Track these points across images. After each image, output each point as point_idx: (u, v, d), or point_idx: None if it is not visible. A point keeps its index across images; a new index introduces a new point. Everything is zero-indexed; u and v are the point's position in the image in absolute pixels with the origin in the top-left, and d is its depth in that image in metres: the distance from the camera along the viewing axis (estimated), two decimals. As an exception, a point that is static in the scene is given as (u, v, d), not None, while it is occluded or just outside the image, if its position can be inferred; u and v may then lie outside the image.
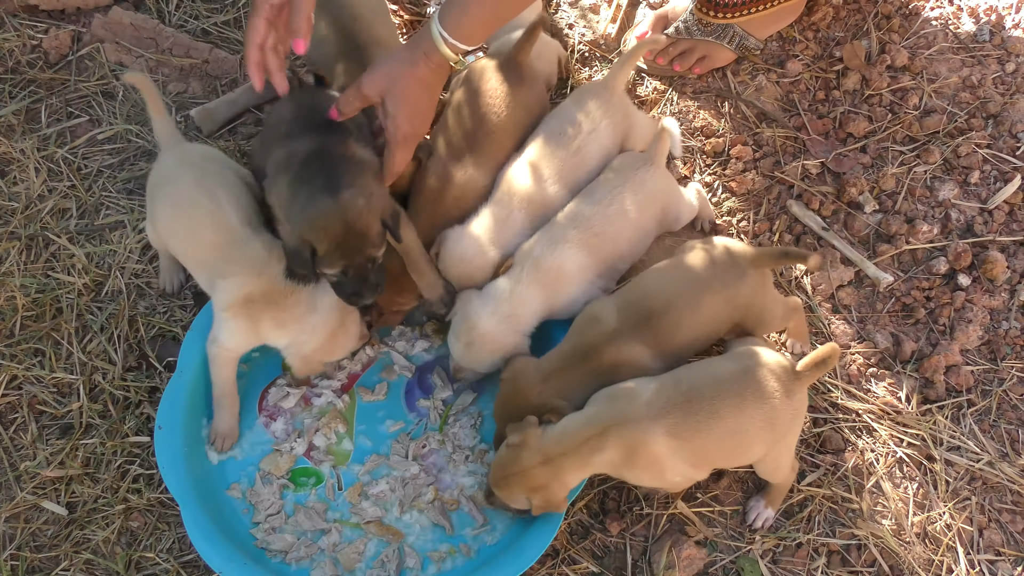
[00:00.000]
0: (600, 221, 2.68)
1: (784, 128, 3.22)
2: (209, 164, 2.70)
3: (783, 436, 2.43)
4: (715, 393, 2.35)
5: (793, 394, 2.38)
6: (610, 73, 2.91)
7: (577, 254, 2.67)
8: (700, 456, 2.39)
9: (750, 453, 2.46)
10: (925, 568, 2.57)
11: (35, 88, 3.29)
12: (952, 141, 3.15)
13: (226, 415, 2.72)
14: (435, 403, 2.84)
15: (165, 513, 2.67)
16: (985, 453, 2.71)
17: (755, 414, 2.35)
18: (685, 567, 2.55)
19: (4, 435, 2.75)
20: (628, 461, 2.36)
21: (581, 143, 2.80)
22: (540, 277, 2.64)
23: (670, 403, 2.34)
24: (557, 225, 2.69)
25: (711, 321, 2.56)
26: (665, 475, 2.40)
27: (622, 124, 2.87)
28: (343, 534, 2.64)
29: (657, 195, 2.77)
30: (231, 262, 2.58)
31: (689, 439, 2.34)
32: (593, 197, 2.72)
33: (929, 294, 2.95)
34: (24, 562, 2.58)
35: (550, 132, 2.83)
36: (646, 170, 2.75)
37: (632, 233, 2.76)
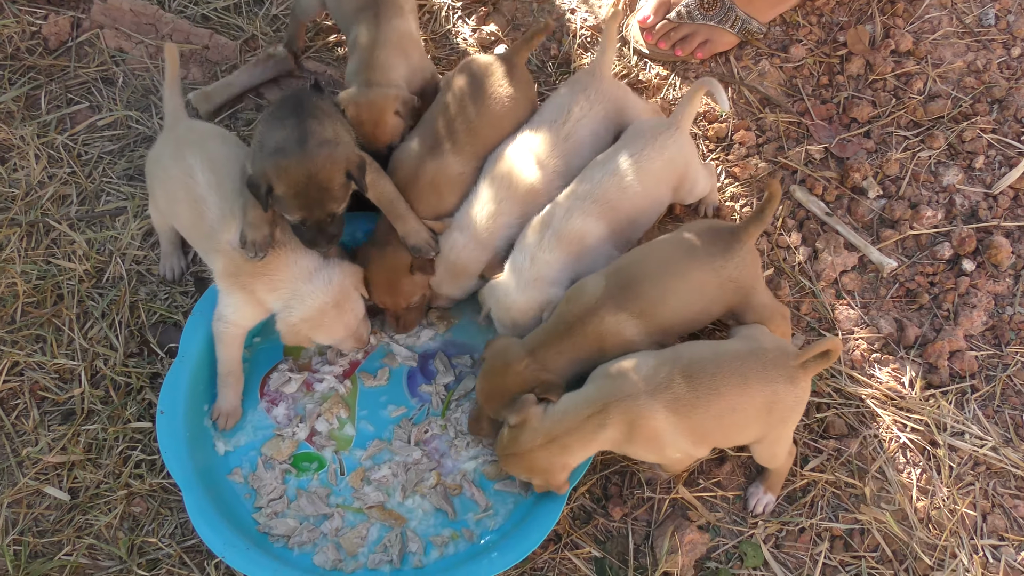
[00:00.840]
0: (617, 193, 2.66)
1: (787, 113, 3.21)
2: (195, 137, 2.70)
3: (782, 421, 2.42)
4: (717, 370, 2.35)
5: (796, 381, 2.37)
6: (595, 59, 2.89)
7: (596, 225, 2.66)
8: (699, 432, 2.38)
9: (746, 433, 2.46)
10: (928, 553, 2.57)
11: (35, 74, 3.28)
12: (957, 126, 3.13)
13: (230, 393, 2.72)
14: (437, 388, 2.83)
15: (167, 498, 2.66)
16: (989, 438, 2.70)
17: (756, 395, 2.35)
18: (687, 552, 2.55)
19: (6, 421, 2.75)
20: (629, 437, 2.36)
21: (571, 130, 2.79)
22: (563, 245, 2.64)
23: (669, 378, 2.34)
24: (575, 195, 2.67)
25: (699, 294, 2.54)
26: (665, 451, 2.40)
27: (613, 109, 2.86)
28: (345, 519, 2.64)
29: (677, 161, 2.73)
30: (210, 237, 2.59)
31: (688, 414, 2.33)
32: (609, 167, 2.68)
33: (933, 279, 2.94)
34: (27, 547, 2.58)
35: (541, 120, 2.83)
36: (669, 134, 2.71)
37: (648, 204, 2.73)
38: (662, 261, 2.53)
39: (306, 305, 2.58)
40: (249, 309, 2.63)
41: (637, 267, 2.53)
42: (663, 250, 2.57)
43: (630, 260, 2.57)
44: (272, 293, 2.59)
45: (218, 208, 2.59)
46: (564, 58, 3.34)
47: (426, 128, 2.81)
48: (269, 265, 2.57)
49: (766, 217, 2.53)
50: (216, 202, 2.60)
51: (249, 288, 2.58)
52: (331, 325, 2.64)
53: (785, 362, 2.37)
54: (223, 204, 2.60)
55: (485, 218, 2.73)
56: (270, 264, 2.57)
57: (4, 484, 2.67)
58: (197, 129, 2.77)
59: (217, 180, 2.61)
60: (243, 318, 2.65)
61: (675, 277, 2.51)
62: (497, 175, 2.75)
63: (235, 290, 2.59)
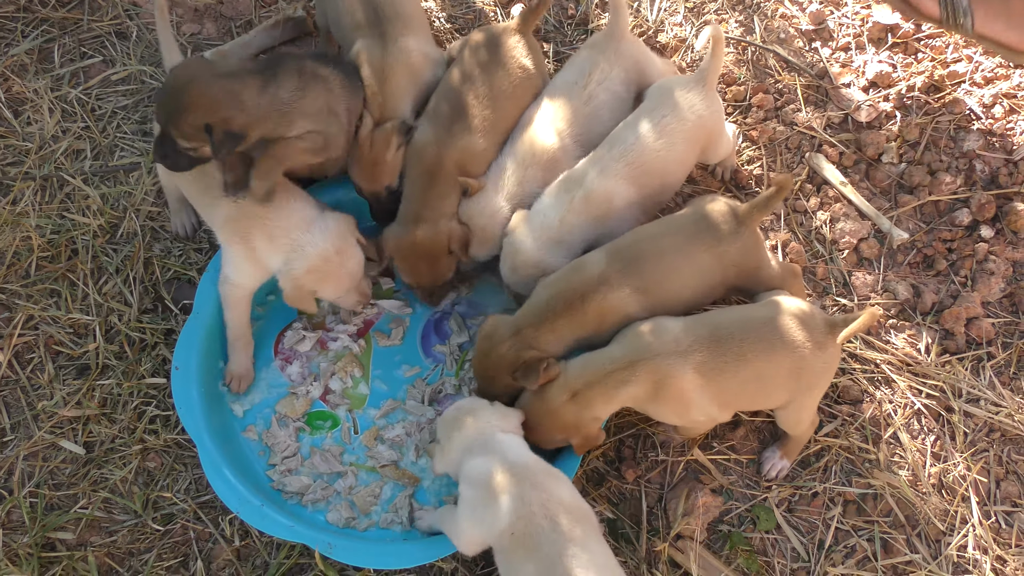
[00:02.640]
0: (650, 156, 2.62)
1: (806, 76, 3.17)
2: None
3: (809, 388, 2.42)
4: (744, 335, 2.34)
5: (825, 347, 2.36)
6: (610, 19, 2.82)
7: (628, 188, 2.62)
8: (725, 396, 2.39)
9: (772, 399, 2.46)
10: (941, 518, 2.57)
11: (48, 27, 3.25)
12: (979, 90, 3.10)
13: (241, 356, 2.72)
14: (451, 348, 2.83)
15: (182, 454, 2.67)
16: (1004, 405, 2.69)
17: (783, 361, 2.34)
18: (700, 514, 2.55)
19: (21, 374, 2.75)
20: (655, 395, 2.36)
21: (592, 92, 2.75)
22: (590, 208, 2.61)
23: (699, 341, 2.34)
24: (607, 157, 2.62)
25: (701, 275, 2.52)
26: (690, 412, 2.41)
27: (633, 69, 2.81)
28: (359, 477, 2.65)
29: (706, 122, 2.67)
30: (211, 188, 2.57)
31: (715, 378, 2.34)
32: (641, 129, 2.63)
33: (951, 246, 2.92)
34: (43, 499, 2.59)
35: (561, 85, 2.78)
36: (697, 93, 2.65)
37: (677, 167, 2.69)
38: (666, 241, 2.50)
39: (307, 255, 2.57)
40: (249, 266, 2.61)
41: (641, 245, 2.51)
42: (667, 230, 2.54)
43: (634, 238, 2.54)
44: (271, 243, 2.57)
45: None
46: (582, 18, 3.30)
47: (441, 109, 2.74)
48: (268, 211, 2.55)
49: (771, 207, 2.51)
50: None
51: (247, 236, 2.56)
52: (335, 274, 2.62)
53: (813, 328, 2.36)
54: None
55: (513, 184, 2.70)
56: (269, 210, 2.55)
57: (20, 437, 2.68)
58: None
59: None
60: (245, 276, 2.63)
61: (679, 257, 2.49)
62: (521, 142, 2.73)
63: (235, 241, 2.58)
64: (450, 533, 2.34)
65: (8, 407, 2.73)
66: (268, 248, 2.58)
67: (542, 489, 2.22)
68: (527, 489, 2.20)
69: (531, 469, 2.27)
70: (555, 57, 3.23)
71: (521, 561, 2.15)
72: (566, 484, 2.28)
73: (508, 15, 3.31)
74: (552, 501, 2.20)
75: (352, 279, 2.68)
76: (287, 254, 2.58)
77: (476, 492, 2.26)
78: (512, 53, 2.80)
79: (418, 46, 2.79)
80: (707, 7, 3.31)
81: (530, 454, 2.33)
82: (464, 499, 2.29)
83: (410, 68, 2.76)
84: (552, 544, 2.13)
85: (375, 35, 2.74)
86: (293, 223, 2.58)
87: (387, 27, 2.74)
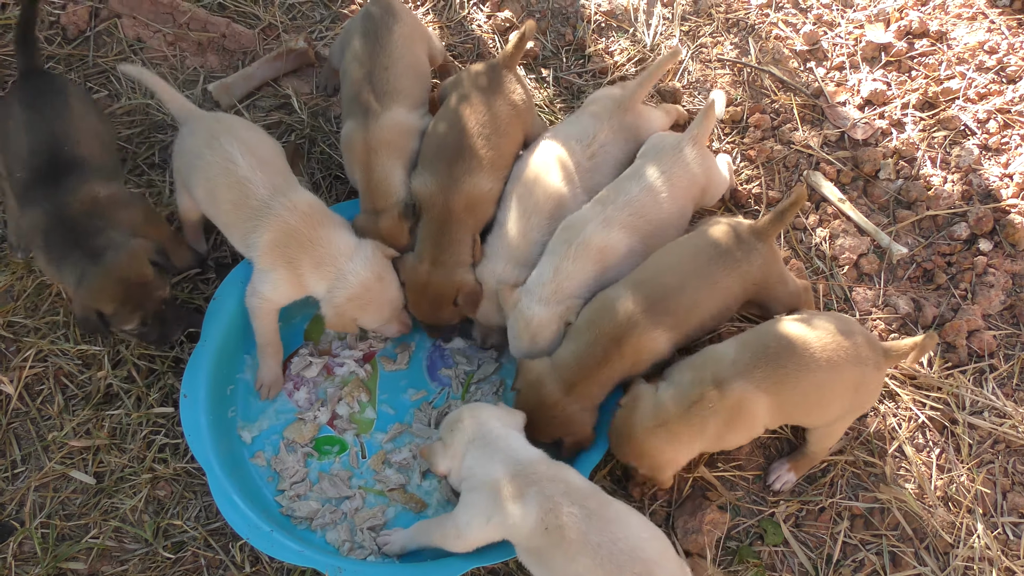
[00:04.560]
0: (652, 207, 2.65)
1: (802, 95, 3.21)
2: (225, 127, 2.70)
3: (860, 407, 2.47)
4: (805, 346, 2.36)
5: (881, 368, 2.41)
6: (629, 89, 2.86)
7: (630, 237, 2.65)
8: (786, 408, 2.40)
9: (829, 412, 2.46)
10: (948, 531, 2.57)
11: (54, 64, 3.30)
12: (972, 106, 3.13)
13: (270, 363, 2.75)
14: (457, 373, 2.85)
15: (191, 482, 2.69)
16: (1008, 417, 2.70)
17: (847, 374, 2.37)
18: (708, 531, 2.56)
19: (31, 406, 2.78)
20: (730, 423, 2.36)
21: (595, 151, 2.79)
22: (591, 255, 2.62)
23: (755, 358, 2.36)
24: (609, 206, 2.64)
25: (725, 299, 2.55)
26: (755, 431, 2.42)
27: (633, 136, 2.84)
28: (367, 500, 2.66)
29: (699, 177, 2.73)
30: (257, 214, 2.61)
31: (776, 392, 2.35)
32: (642, 181, 2.67)
33: (950, 259, 2.94)
34: (54, 530, 2.60)
35: (564, 138, 2.80)
36: (689, 151, 2.70)
37: (676, 219, 2.72)
38: (689, 270, 2.52)
39: (349, 283, 2.61)
40: (287, 287, 2.65)
41: (664, 278, 2.52)
42: (687, 257, 2.55)
43: (655, 270, 2.56)
44: (317, 270, 2.61)
45: (269, 184, 2.62)
46: (579, 43, 3.35)
47: (438, 154, 2.74)
48: (319, 236, 2.60)
49: (787, 219, 2.54)
50: (264, 180, 2.62)
51: (295, 263, 2.60)
52: (377, 302, 2.66)
53: (875, 348, 2.40)
54: (274, 179, 2.64)
55: (516, 237, 2.72)
56: (320, 235, 2.60)
57: (31, 468, 2.70)
58: (224, 120, 2.77)
59: (259, 161, 2.65)
60: (280, 295, 2.66)
61: (704, 286, 2.51)
62: (522, 193, 2.74)
63: (279, 266, 2.61)
64: (444, 539, 2.36)
65: (19, 439, 2.75)
66: (313, 274, 2.62)
67: (558, 480, 2.25)
68: (544, 484, 2.23)
69: (538, 463, 2.30)
70: (554, 83, 3.28)
71: (569, 558, 2.17)
72: (572, 471, 2.31)
73: (506, 42, 3.36)
74: (572, 489, 2.23)
75: (392, 307, 2.71)
76: (331, 282, 2.62)
77: (484, 495, 2.28)
78: (505, 89, 2.82)
79: (400, 117, 2.78)
80: (702, 30, 3.36)
81: (532, 448, 2.36)
82: (469, 504, 2.31)
83: (392, 144, 2.76)
84: (598, 531, 2.16)
85: (360, 113, 2.76)
86: (340, 250, 2.62)
87: (373, 104, 2.75)
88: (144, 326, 2.58)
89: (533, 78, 3.28)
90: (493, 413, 2.44)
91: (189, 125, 2.76)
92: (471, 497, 2.32)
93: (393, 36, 2.80)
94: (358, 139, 2.75)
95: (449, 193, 2.69)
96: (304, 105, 3.24)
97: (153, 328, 2.60)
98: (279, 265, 2.61)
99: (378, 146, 2.74)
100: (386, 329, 2.77)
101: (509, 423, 2.42)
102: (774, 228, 2.55)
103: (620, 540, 2.17)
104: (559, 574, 2.20)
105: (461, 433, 2.39)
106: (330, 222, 2.66)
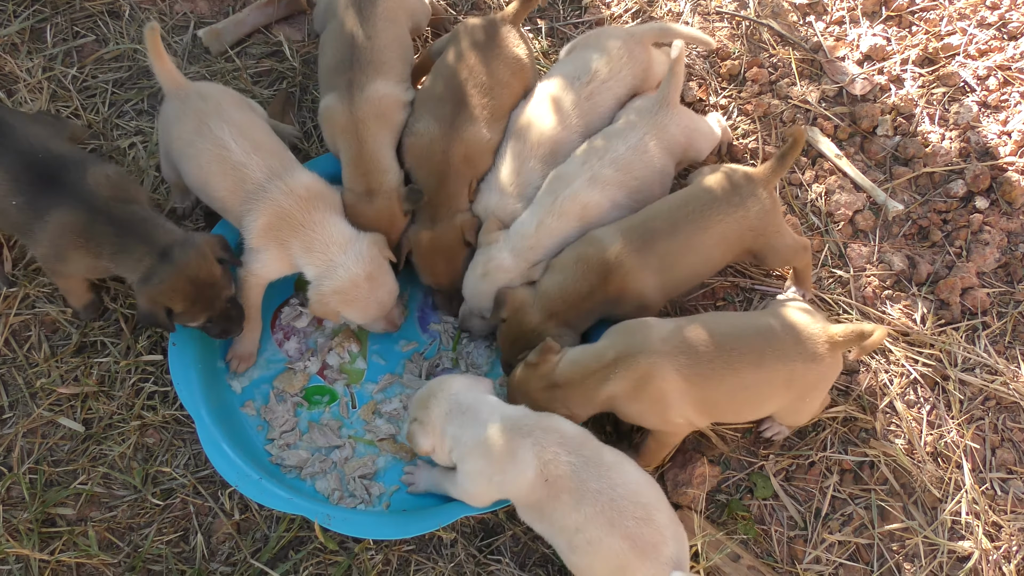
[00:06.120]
0: (638, 166, 2.63)
1: (801, 50, 3.17)
2: (212, 106, 2.61)
3: (800, 398, 2.41)
4: (735, 344, 2.32)
5: (820, 359, 2.33)
6: (643, 27, 2.82)
7: (616, 192, 2.63)
8: (708, 404, 2.36)
9: (761, 410, 2.46)
10: (936, 486, 2.58)
11: (40, 7, 3.23)
12: (973, 62, 3.10)
13: (247, 337, 2.72)
14: (445, 327, 2.83)
15: (180, 430, 2.68)
16: (1000, 373, 2.70)
17: (773, 374, 2.32)
18: (699, 484, 2.56)
19: (19, 352, 2.75)
20: (634, 394, 2.33)
21: (595, 90, 2.75)
22: (576, 210, 2.60)
23: (687, 345, 2.31)
24: (598, 163, 2.62)
25: (719, 246, 2.53)
26: (668, 414, 2.37)
27: (640, 75, 2.81)
28: (356, 449, 2.65)
29: (679, 137, 2.70)
30: (253, 196, 2.56)
31: (699, 384, 2.31)
32: (628, 141, 2.64)
33: (946, 217, 2.93)
34: (42, 475, 2.59)
35: (564, 76, 2.77)
36: (664, 113, 2.67)
37: (660, 176, 2.69)
38: (682, 215, 2.50)
39: (338, 276, 2.56)
40: (277, 264, 2.61)
41: (657, 222, 2.50)
42: (682, 204, 2.53)
43: (650, 214, 2.53)
44: (307, 254, 2.57)
45: (265, 167, 2.57)
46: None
47: (437, 105, 2.71)
48: (313, 220, 2.56)
49: (787, 163, 2.51)
50: (259, 163, 2.56)
51: (286, 244, 2.56)
52: (364, 300, 2.61)
53: (807, 340, 2.33)
54: (270, 161, 2.58)
55: (510, 176, 2.70)
56: (313, 220, 2.56)
57: (19, 414, 2.68)
58: (209, 96, 2.66)
59: (252, 144, 2.58)
60: (269, 272, 2.63)
61: (697, 231, 2.48)
62: (519, 135, 2.73)
63: (270, 247, 2.57)
64: (456, 492, 2.37)
65: (6, 385, 2.72)
66: (304, 257, 2.58)
67: (551, 430, 2.25)
68: (538, 434, 2.23)
69: (525, 416, 2.30)
70: (548, 34, 3.23)
71: (571, 508, 2.17)
72: (561, 420, 2.31)
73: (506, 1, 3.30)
74: (566, 438, 2.23)
75: (380, 307, 2.66)
76: (320, 269, 2.58)
77: (479, 458, 2.27)
78: (506, 43, 2.78)
79: (385, 90, 2.71)
80: (701, -18, 3.31)
81: (513, 406, 2.35)
82: (467, 473, 2.30)
83: (380, 118, 2.69)
84: (597, 478, 2.17)
85: (344, 85, 2.68)
86: (333, 238, 2.57)
87: (356, 75, 2.67)
88: (209, 322, 2.55)
89: (528, 28, 3.23)
90: (462, 382, 2.42)
91: (174, 103, 2.65)
92: (467, 466, 2.31)
93: (377, 9, 2.73)
94: (342, 111, 2.66)
95: (449, 142, 2.66)
96: (296, 52, 3.19)
97: (217, 324, 2.57)
98: (271, 245, 2.57)
99: (367, 118, 2.66)
100: (372, 326, 2.72)
101: (479, 389, 2.41)
102: (775, 174, 2.52)
103: (619, 486, 2.18)
104: (561, 525, 2.20)
105: (436, 407, 2.37)
106: (327, 207, 2.60)
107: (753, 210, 2.51)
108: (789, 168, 2.67)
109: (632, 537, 2.15)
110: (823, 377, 2.38)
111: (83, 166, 2.50)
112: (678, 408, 2.35)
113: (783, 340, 2.33)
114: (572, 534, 2.18)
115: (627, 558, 2.15)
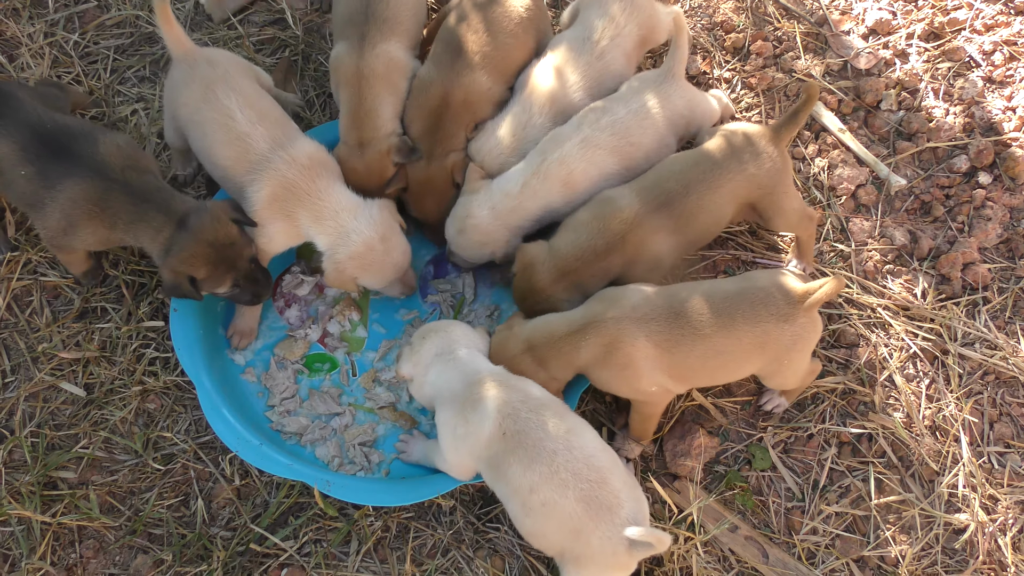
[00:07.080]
0: (637, 131, 2.62)
1: (806, 24, 3.15)
2: (220, 74, 2.59)
3: (777, 359, 2.39)
4: (704, 310, 2.32)
5: (792, 319, 2.32)
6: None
7: (608, 159, 2.62)
8: (680, 370, 2.36)
9: (737, 373, 2.46)
10: (934, 459, 2.59)
11: (42, -28, 3.22)
12: (979, 37, 3.09)
13: (248, 312, 2.71)
14: (444, 298, 2.84)
15: (181, 396, 2.69)
16: (999, 348, 2.71)
17: (744, 337, 2.32)
18: (697, 455, 2.57)
19: (21, 317, 2.76)
20: (604, 360, 2.34)
21: (605, 48, 2.74)
22: (564, 175, 2.60)
23: (658, 312, 2.32)
24: (591, 128, 2.61)
25: (730, 203, 2.53)
26: (640, 382, 2.37)
27: (646, 25, 2.80)
28: (356, 417, 2.67)
29: (683, 109, 2.69)
30: (257, 166, 2.54)
31: (669, 351, 2.31)
32: (629, 105, 2.63)
33: (948, 192, 2.92)
34: (44, 439, 2.61)
35: (573, 36, 2.77)
36: (669, 85, 2.66)
37: (658, 147, 2.68)
38: (695, 176, 2.49)
39: (352, 242, 2.56)
40: (284, 238, 2.60)
41: (671, 183, 2.49)
42: (694, 164, 2.52)
43: (662, 175, 2.53)
44: (317, 223, 2.56)
45: (269, 137, 2.55)
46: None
47: (442, 52, 2.71)
48: (318, 189, 2.55)
49: (800, 119, 2.50)
50: (264, 133, 2.55)
51: (293, 216, 2.55)
52: (380, 263, 2.60)
53: (775, 301, 2.32)
54: (274, 130, 2.57)
55: (514, 126, 2.70)
56: (318, 187, 2.55)
57: (21, 379, 2.69)
58: (218, 63, 2.63)
59: (258, 114, 2.57)
60: (276, 246, 2.62)
61: (709, 189, 2.48)
62: (529, 90, 2.72)
63: (277, 219, 2.55)
64: (439, 462, 2.39)
65: (8, 350, 2.73)
66: (314, 227, 2.57)
67: (517, 389, 2.27)
68: (503, 390, 2.25)
69: (498, 374, 2.32)
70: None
71: (524, 466, 2.18)
72: (533, 384, 2.33)
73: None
74: (529, 398, 2.24)
75: (396, 269, 2.66)
76: (332, 238, 2.57)
77: (450, 411, 2.29)
78: None
79: (396, 53, 2.72)
80: (707, -46, 3.29)
81: (492, 365, 2.38)
82: (442, 423, 2.32)
83: (385, 78, 2.69)
84: (555, 439, 2.18)
85: (356, 37, 2.68)
86: (342, 205, 2.57)
87: (370, 29, 2.67)
88: (236, 287, 2.53)
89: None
90: (463, 331, 2.45)
91: (182, 68, 2.63)
92: (440, 417, 2.34)
93: None
94: (350, 63, 2.67)
95: (448, 85, 2.67)
96: (299, 21, 3.17)
97: (246, 289, 2.54)
98: (276, 218, 2.55)
99: (371, 75, 2.66)
100: (389, 290, 2.71)
101: (475, 343, 2.43)
102: (787, 131, 2.52)
103: (575, 448, 2.18)
104: (517, 484, 2.20)
105: (431, 344, 2.40)
106: (330, 175, 2.59)
107: (764, 168, 2.51)
108: (802, 125, 2.64)
109: (586, 500, 2.15)
110: (799, 337, 2.36)
111: (93, 136, 2.49)
112: (649, 375, 2.36)
113: (752, 303, 2.33)
114: (527, 494, 2.19)
115: (581, 521, 2.16)
